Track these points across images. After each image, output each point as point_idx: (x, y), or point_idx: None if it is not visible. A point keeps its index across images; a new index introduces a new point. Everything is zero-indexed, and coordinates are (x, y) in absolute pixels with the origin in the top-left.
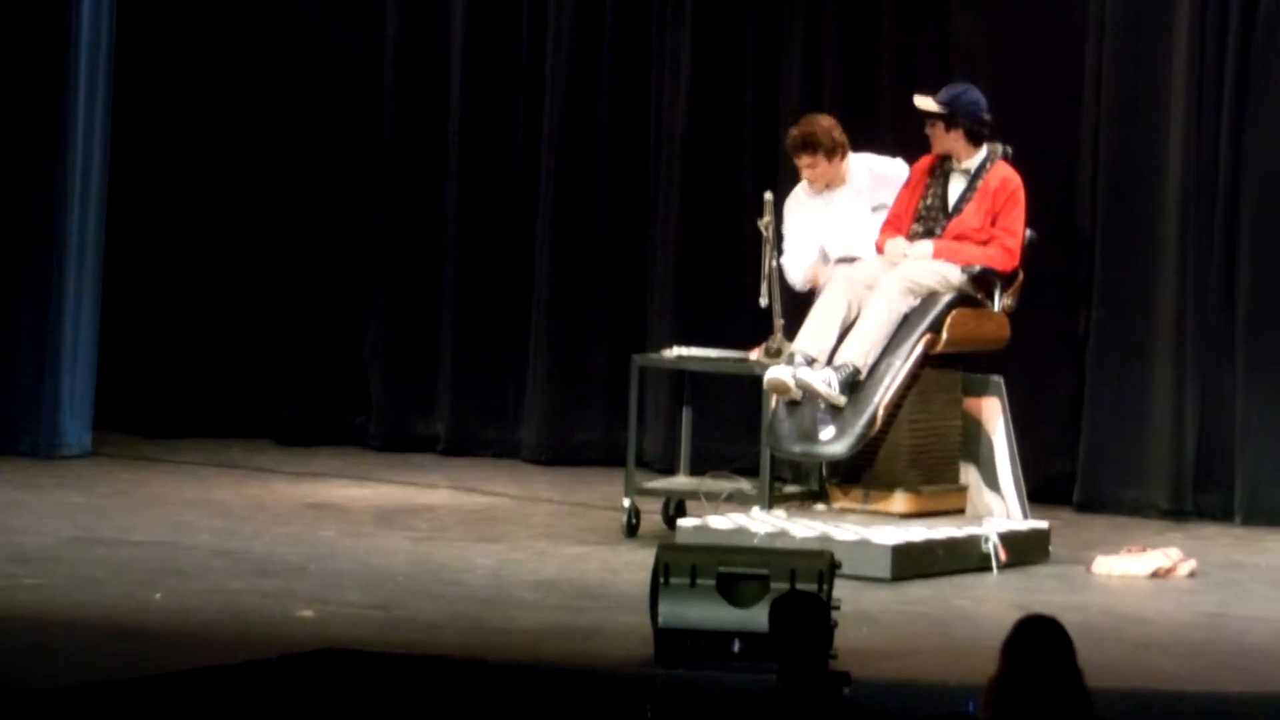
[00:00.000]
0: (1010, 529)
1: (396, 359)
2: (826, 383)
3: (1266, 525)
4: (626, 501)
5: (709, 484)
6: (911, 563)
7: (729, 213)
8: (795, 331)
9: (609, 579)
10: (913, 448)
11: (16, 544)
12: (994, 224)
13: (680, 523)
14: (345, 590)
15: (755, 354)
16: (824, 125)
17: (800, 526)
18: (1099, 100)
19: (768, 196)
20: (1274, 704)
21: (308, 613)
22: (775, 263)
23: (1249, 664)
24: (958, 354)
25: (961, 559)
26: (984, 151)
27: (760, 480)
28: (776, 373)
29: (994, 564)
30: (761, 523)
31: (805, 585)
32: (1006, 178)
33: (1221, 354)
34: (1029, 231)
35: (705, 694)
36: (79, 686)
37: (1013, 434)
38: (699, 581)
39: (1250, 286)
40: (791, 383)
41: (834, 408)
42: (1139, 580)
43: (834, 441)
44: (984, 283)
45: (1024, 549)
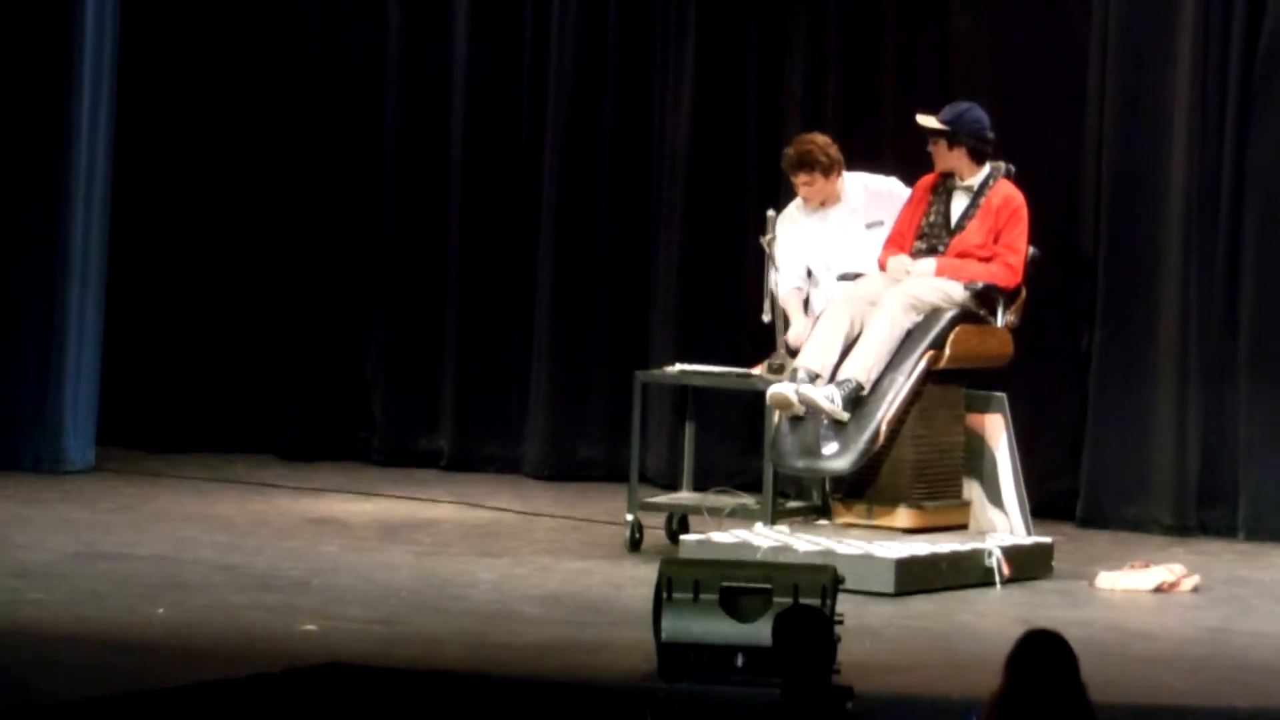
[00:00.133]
0: (1013, 544)
1: (399, 374)
2: (829, 398)
3: (1270, 541)
4: (629, 516)
5: (712, 499)
6: (915, 577)
7: (732, 229)
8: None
9: (612, 594)
10: (916, 463)
11: (19, 559)
12: (997, 241)
13: (683, 538)
14: (348, 605)
15: (758, 370)
16: (820, 143)
17: (803, 541)
18: (1101, 118)
19: (770, 214)
20: (1278, 719)
21: (310, 627)
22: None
23: (1252, 679)
24: (961, 370)
25: (965, 574)
26: (987, 169)
27: (763, 495)
28: (779, 388)
29: (997, 579)
30: (764, 538)
31: (808, 600)
32: (1009, 195)
33: (1224, 370)
34: (1032, 249)
35: (708, 708)
36: (81, 701)
37: (1016, 450)
38: (702, 596)
39: (1253, 303)
40: (794, 398)
41: (837, 423)
42: (1142, 595)
43: (837, 457)
44: (987, 300)
45: (1027, 564)
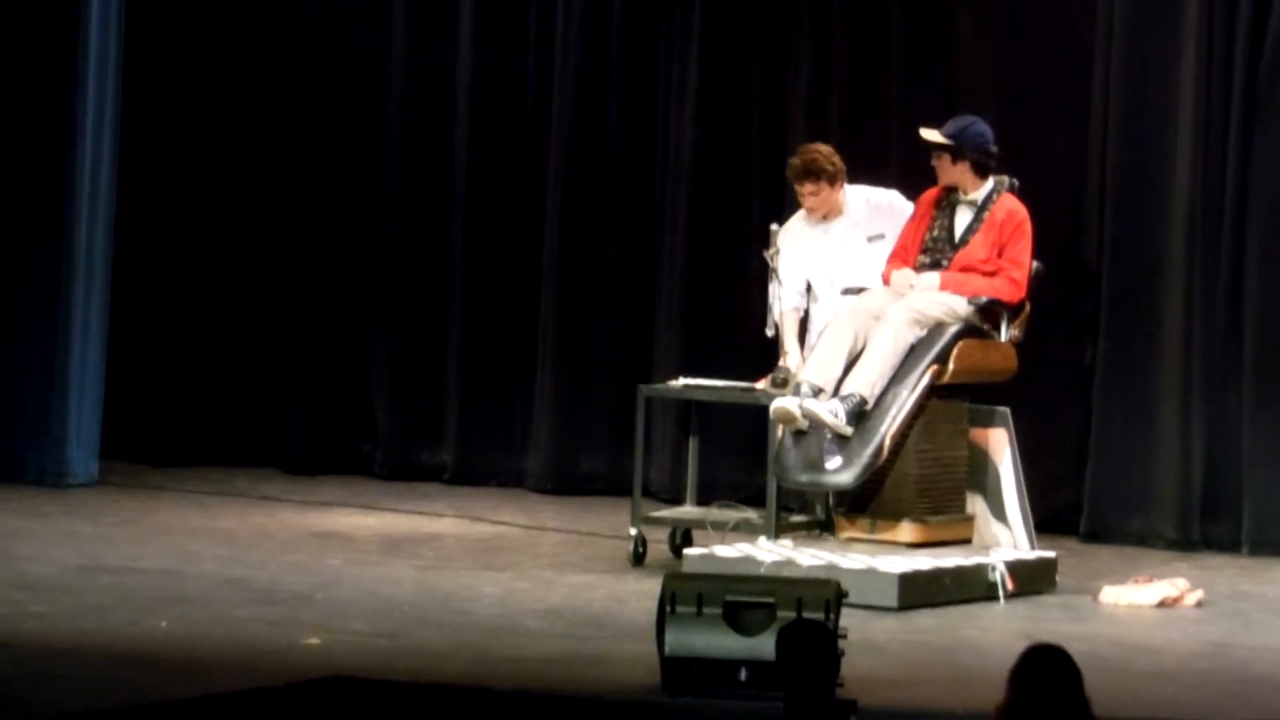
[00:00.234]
0: (1017, 559)
1: (403, 388)
2: (833, 413)
3: (1274, 556)
4: (633, 530)
5: (715, 513)
6: (918, 592)
7: (735, 244)
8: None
9: (615, 608)
10: (919, 478)
11: (23, 572)
12: (1000, 255)
13: (687, 552)
14: (351, 619)
15: (761, 384)
16: (824, 152)
17: (807, 555)
18: (1105, 130)
19: (774, 228)
20: None
21: (314, 641)
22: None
23: (1256, 693)
24: (964, 385)
25: (968, 588)
26: (990, 183)
27: (767, 510)
28: (783, 403)
29: (1001, 593)
30: (768, 552)
31: (812, 614)
32: (1013, 209)
33: (1228, 385)
34: (1035, 263)
35: None
36: (84, 713)
37: (1019, 464)
38: (705, 610)
39: (1257, 318)
40: (798, 413)
41: (840, 438)
42: (1146, 610)
43: (840, 471)
44: (991, 314)
45: (1031, 579)
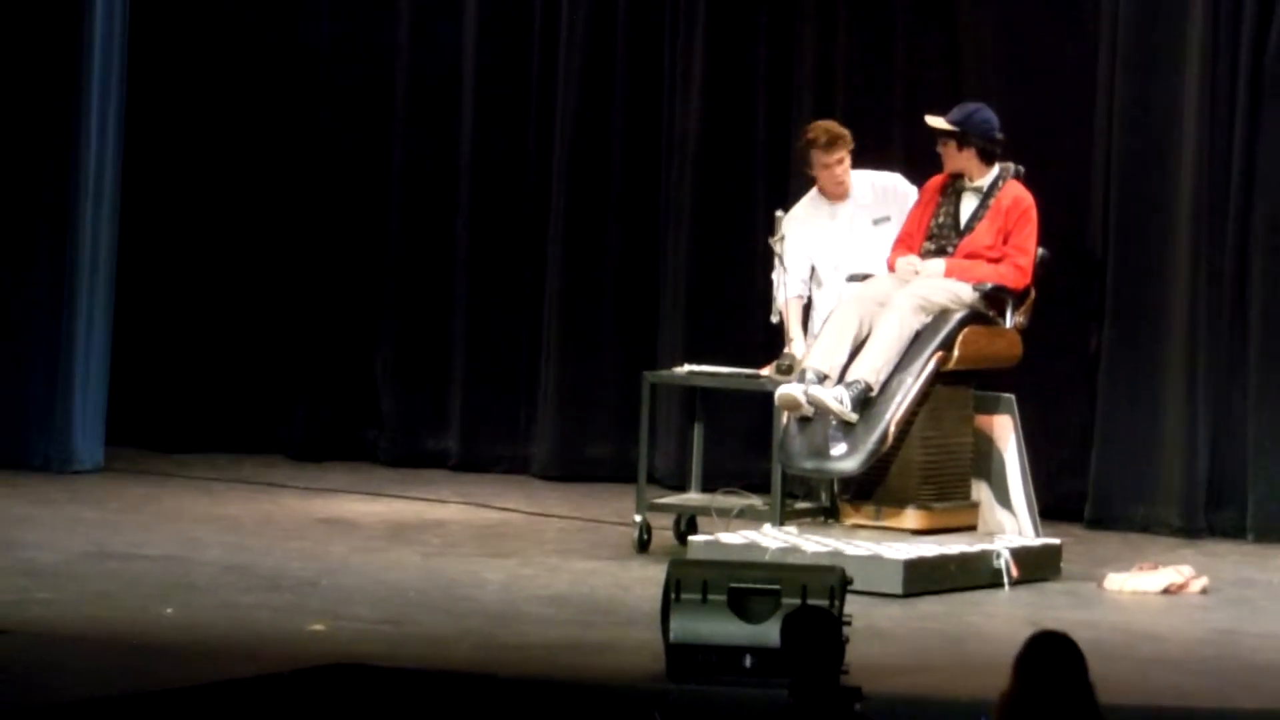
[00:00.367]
0: (1022, 545)
1: (408, 375)
2: (838, 399)
3: (1279, 543)
4: (638, 517)
5: (720, 500)
6: (923, 578)
7: (740, 230)
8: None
9: (620, 594)
10: (924, 464)
11: (28, 558)
12: (1006, 242)
13: (691, 539)
14: (356, 605)
15: (766, 371)
16: (837, 123)
17: (811, 542)
18: (1110, 120)
19: (779, 215)
20: None
21: (319, 627)
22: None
23: (1261, 681)
24: (969, 371)
25: (973, 575)
26: (996, 170)
27: (772, 496)
28: (788, 389)
29: (1005, 580)
30: (773, 538)
31: (817, 601)
32: (1019, 196)
33: (1234, 372)
34: (1041, 250)
35: (717, 709)
36: (89, 701)
37: (1024, 451)
38: (710, 597)
39: (1262, 305)
40: (803, 399)
41: (845, 424)
42: (1151, 597)
43: (846, 458)
44: (996, 301)
45: (1036, 565)
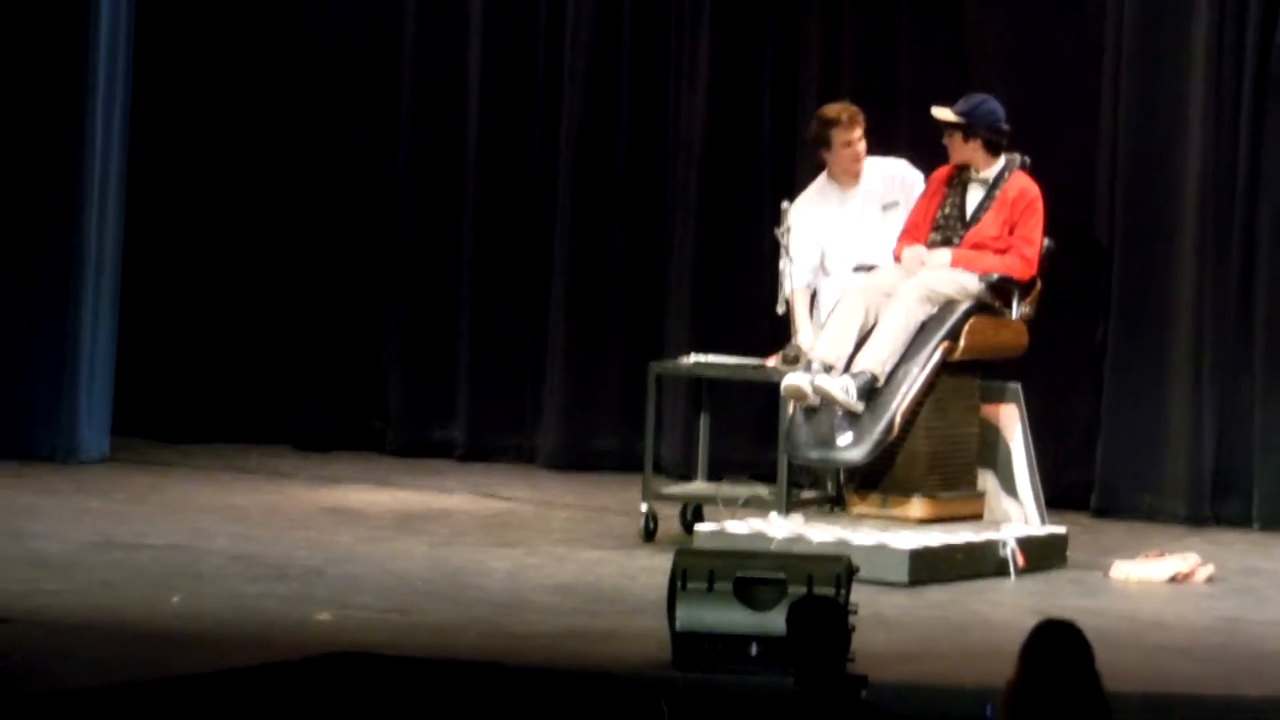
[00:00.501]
0: (1028, 534)
1: (414, 365)
2: (844, 389)
3: None
4: (644, 507)
5: (726, 489)
6: (929, 567)
7: (746, 220)
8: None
9: (626, 583)
10: (930, 454)
11: (35, 548)
12: (1012, 233)
13: (698, 528)
14: (363, 594)
15: (772, 361)
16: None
17: (817, 531)
18: (1117, 110)
19: (785, 205)
20: None
21: (325, 616)
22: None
23: (1267, 668)
24: (975, 361)
25: (979, 564)
26: (1002, 161)
27: (778, 486)
28: (794, 379)
29: (1011, 569)
30: (779, 528)
31: (822, 589)
32: (1025, 187)
33: (1240, 361)
34: (1047, 240)
35: (723, 697)
36: (96, 689)
37: (1030, 440)
38: (716, 586)
39: (1268, 294)
40: (809, 389)
41: (851, 414)
42: (1157, 585)
43: (851, 448)
44: (1002, 291)
45: (1042, 554)
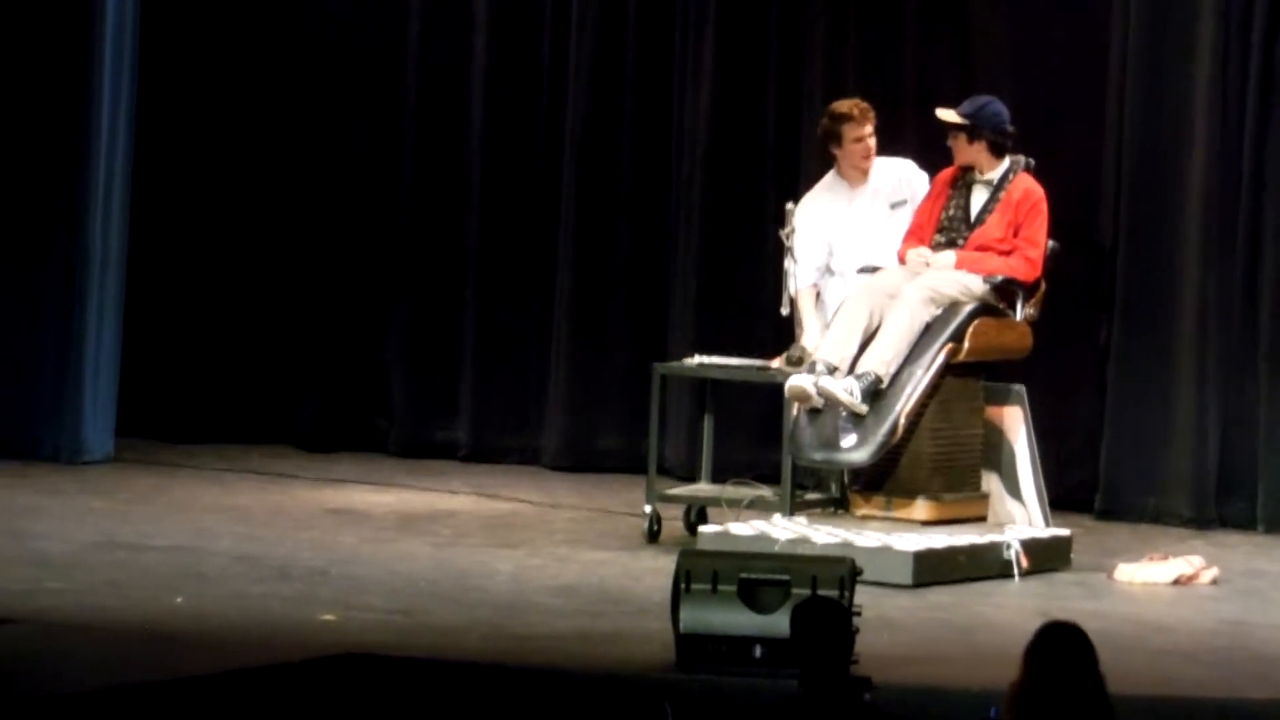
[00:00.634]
0: (1032, 536)
1: (418, 365)
2: (848, 391)
3: None
4: (648, 508)
5: (730, 491)
6: (933, 569)
7: (751, 222)
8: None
9: (630, 585)
10: (934, 456)
11: (39, 549)
12: (1016, 235)
13: (702, 529)
14: (367, 595)
15: (777, 362)
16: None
17: (821, 533)
18: (1121, 112)
19: (789, 206)
20: None
21: (329, 617)
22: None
23: (1271, 671)
24: (979, 363)
25: (983, 566)
26: (1006, 163)
27: (782, 487)
28: (798, 381)
29: (1015, 571)
30: (783, 529)
31: (826, 591)
32: (1029, 189)
33: (1244, 362)
34: (1051, 242)
35: (726, 699)
36: (100, 690)
37: (1034, 442)
38: (720, 587)
39: (1273, 296)
40: (813, 391)
41: (856, 416)
42: (1161, 588)
43: (855, 449)
44: (1006, 293)
45: (1046, 556)
